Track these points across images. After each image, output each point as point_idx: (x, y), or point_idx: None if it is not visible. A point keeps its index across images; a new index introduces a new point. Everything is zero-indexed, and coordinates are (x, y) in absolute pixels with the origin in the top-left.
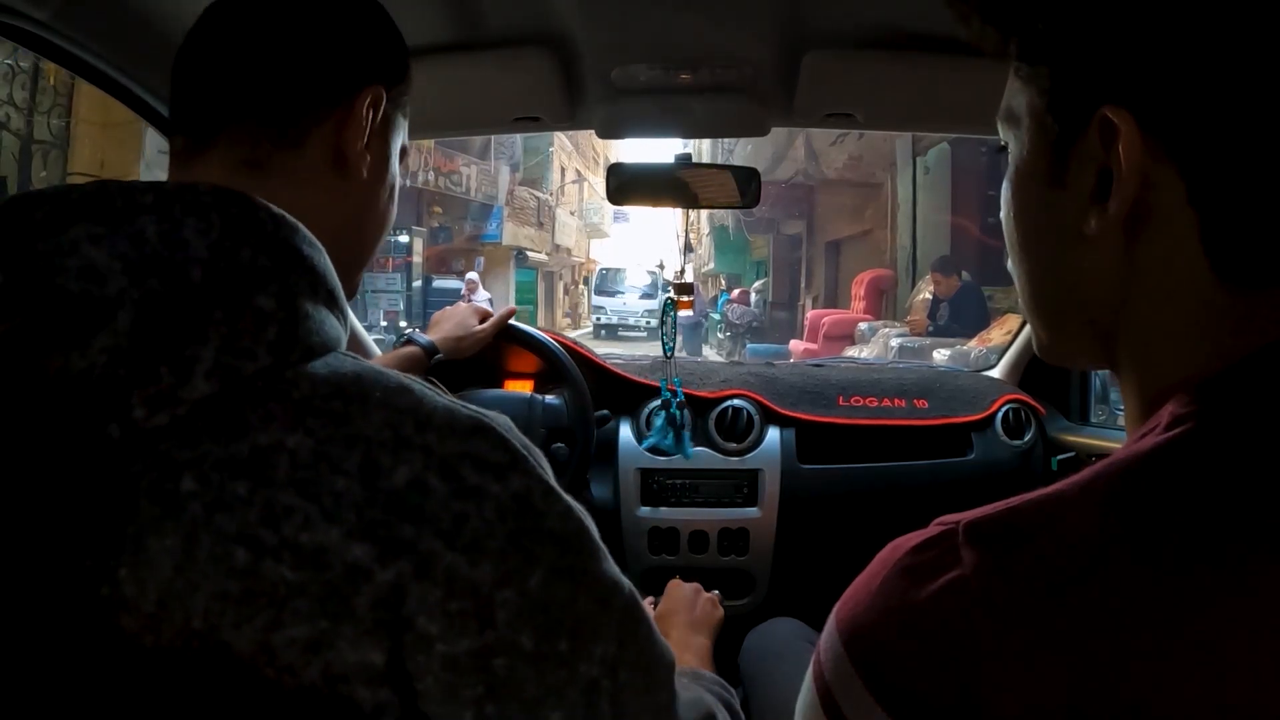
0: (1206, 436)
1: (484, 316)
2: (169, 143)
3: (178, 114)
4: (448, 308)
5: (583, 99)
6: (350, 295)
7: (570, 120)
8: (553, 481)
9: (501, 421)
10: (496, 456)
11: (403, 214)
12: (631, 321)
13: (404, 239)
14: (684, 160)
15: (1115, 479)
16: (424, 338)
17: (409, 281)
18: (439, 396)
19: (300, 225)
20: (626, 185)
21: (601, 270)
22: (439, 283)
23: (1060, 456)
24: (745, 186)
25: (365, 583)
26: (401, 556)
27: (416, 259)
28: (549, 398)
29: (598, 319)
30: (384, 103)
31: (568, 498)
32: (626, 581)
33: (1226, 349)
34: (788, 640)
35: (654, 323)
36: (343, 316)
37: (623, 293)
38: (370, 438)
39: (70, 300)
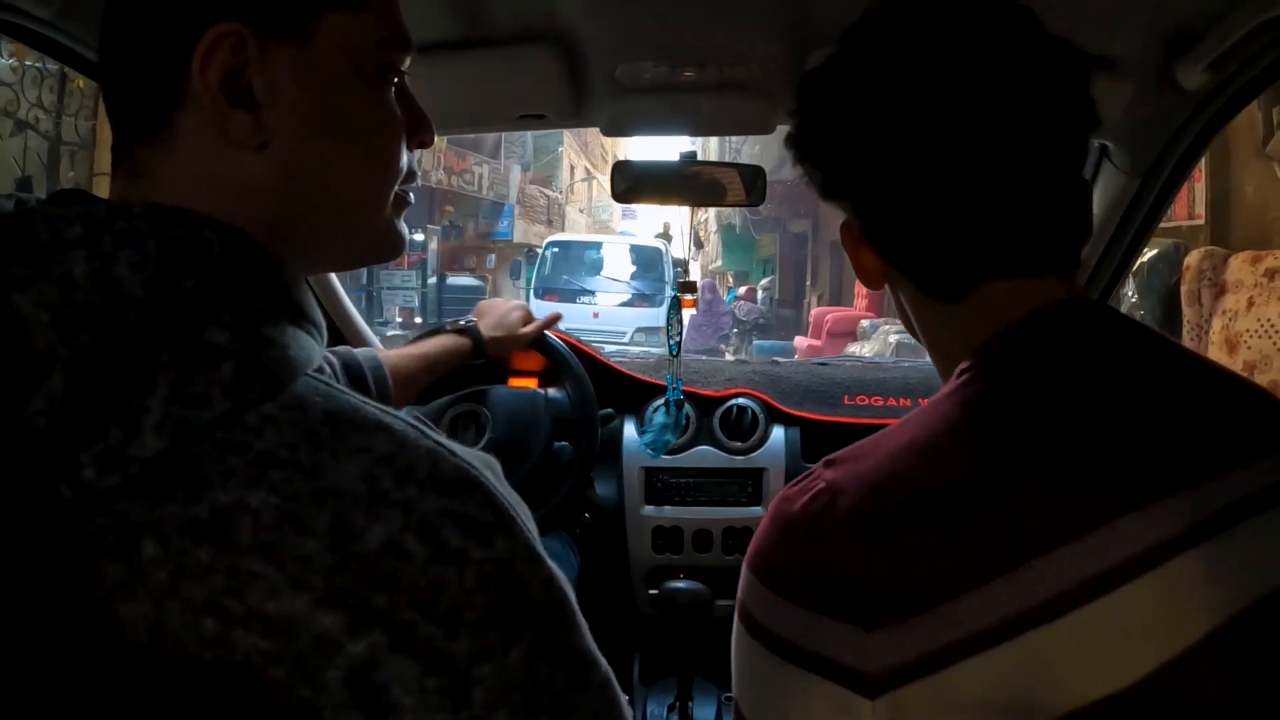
0: (981, 376)
1: (527, 317)
2: None
3: None
4: (493, 299)
5: (588, 96)
6: (337, 270)
7: (576, 117)
8: (537, 544)
9: (489, 473)
10: (482, 516)
11: (416, 212)
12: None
13: (419, 237)
14: (690, 158)
15: (924, 412)
16: (479, 330)
17: (424, 278)
18: (423, 438)
19: (254, 237)
20: (632, 183)
21: (551, 247)
22: (453, 280)
23: None
24: (751, 184)
25: (336, 655)
26: (374, 627)
27: (431, 257)
28: (552, 391)
29: None
30: (250, 43)
31: (550, 564)
32: (603, 659)
33: (974, 335)
34: None
35: (655, 353)
36: (315, 329)
37: (590, 292)
38: (343, 492)
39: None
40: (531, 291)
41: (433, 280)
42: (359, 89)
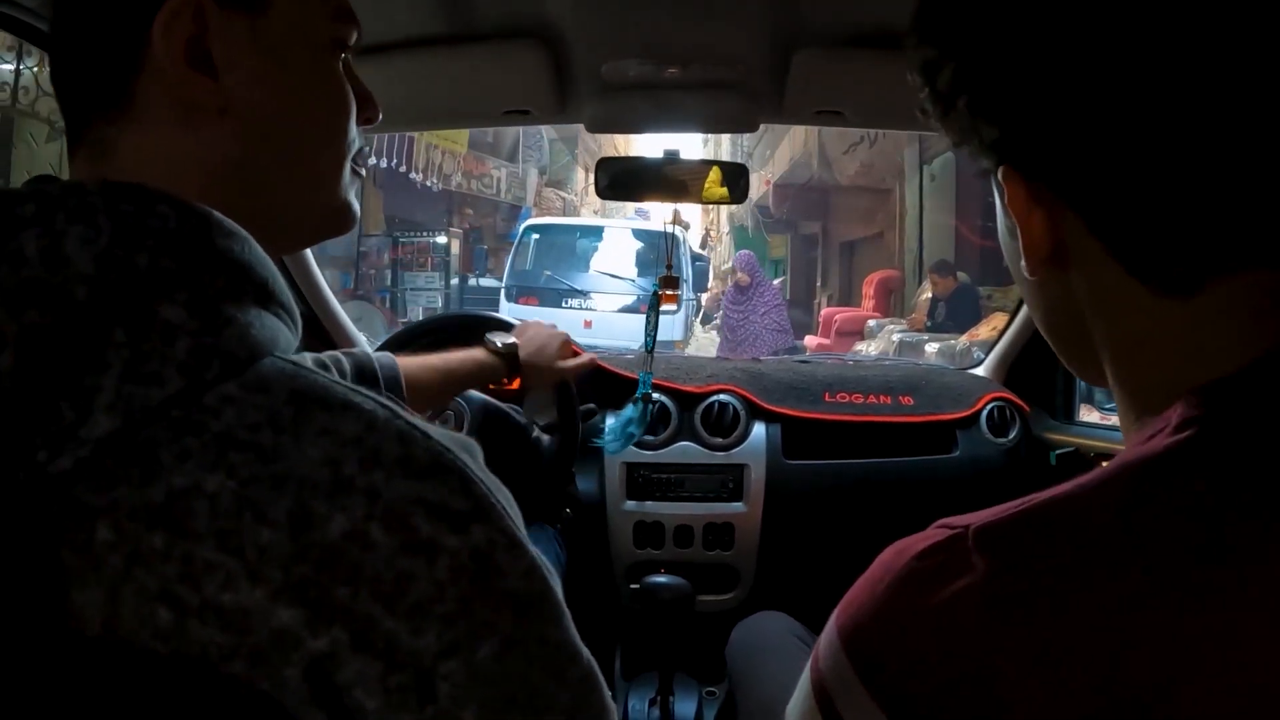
0: (1216, 438)
1: (568, 350)
2: None
3: None
4: (537, 322)
5: (573, 93)
6: (295, 249)
7: (561, 114)
8: (520, 532)
9: (466, 456)
10: (457, 502)
11: (436, 215)
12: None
13: (442, 240)
14: (672, 156)
15: (1130, 480)
16: (517, 355)
17: (447, 280)
18: (394, 419)
19: (213, 213)
20: (615, 180)
21: (532, 233)
22: (473, 281)
23: (1059, 451)
24: (733, 182)
25: (294, 651)
26: (335, 623)
27: (453, 259)
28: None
29: None
30: (210, 10)
31: (533, 550)
32: (585, 650)
33: (1209, 351)
34: (777, 636)
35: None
36: (285, 311)
37: (582, 293)
38: (304, 478)
39: None
40: (504, 292)
41: (455, 282)
42: (310, 59)
